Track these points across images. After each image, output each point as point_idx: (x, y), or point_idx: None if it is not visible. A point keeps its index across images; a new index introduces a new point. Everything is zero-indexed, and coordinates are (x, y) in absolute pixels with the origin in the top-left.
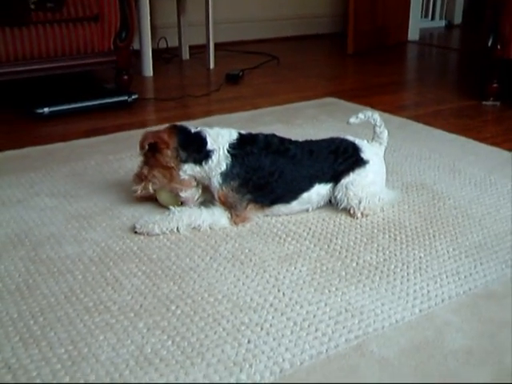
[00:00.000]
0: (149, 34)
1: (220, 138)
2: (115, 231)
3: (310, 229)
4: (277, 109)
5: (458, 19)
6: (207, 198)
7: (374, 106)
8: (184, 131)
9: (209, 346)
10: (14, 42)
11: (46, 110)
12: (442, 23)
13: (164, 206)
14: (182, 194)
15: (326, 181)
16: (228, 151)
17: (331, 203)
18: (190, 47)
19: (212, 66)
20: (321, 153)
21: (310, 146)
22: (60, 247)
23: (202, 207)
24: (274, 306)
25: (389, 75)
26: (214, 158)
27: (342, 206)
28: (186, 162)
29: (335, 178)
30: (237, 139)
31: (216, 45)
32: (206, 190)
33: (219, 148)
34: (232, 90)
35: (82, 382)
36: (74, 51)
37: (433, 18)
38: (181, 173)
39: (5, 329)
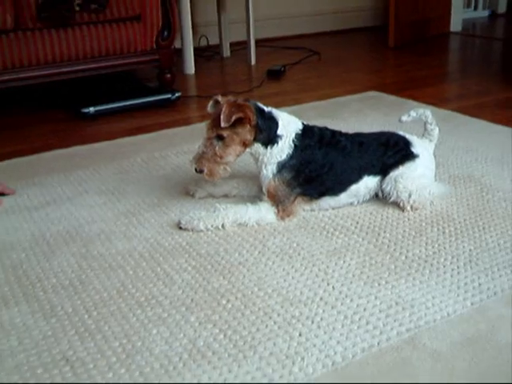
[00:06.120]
0: (190, 32)
1: (290, 125)
2: (164, 227)
3: (357, 222)
4: (320, 103)
5: (502, 8)
6: (251, 192)
7: (417, 98)
8: (258, 108)
9: (260, 340)
10: (60, 43)
11: (92, 109)
12: (486, 13)
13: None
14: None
15: (375, 173)
16: (293, 141)
17: (377, 197)
18: (231, 44)
19: (253, 62)
20: (371, 145)
21: (359, 138)
22: (110, 243)
23: (248, 203)
24: (324, 299)
25: (431, 68)
26: (280, 144)
27: (392, 199)
28: (256, 140)
29: (384, 170)
30: (301, 130)
31: (257, 41)
32: (253, 181)
33: (287, 135)
34: (274, 86)
35: (137, 374)
36: (118, 51)
37: (476, 8)
38: (248, 150)
39: (61, 322)
